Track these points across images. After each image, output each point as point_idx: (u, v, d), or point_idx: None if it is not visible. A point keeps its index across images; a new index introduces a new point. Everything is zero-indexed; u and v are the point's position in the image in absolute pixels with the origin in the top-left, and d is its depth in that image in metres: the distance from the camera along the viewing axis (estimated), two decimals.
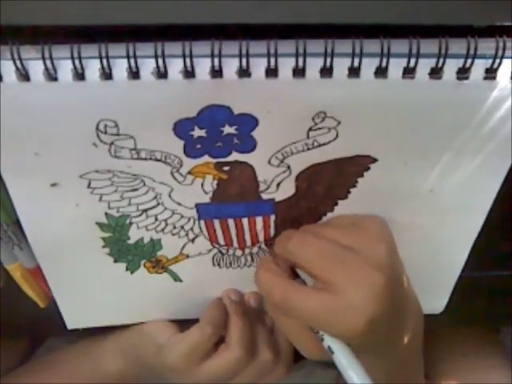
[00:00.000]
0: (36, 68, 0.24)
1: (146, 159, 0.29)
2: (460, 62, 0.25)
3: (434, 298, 0.40)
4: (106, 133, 0.27)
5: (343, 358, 0.29)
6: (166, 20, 0.24)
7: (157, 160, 0.29)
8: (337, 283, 0.28)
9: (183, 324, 0.40)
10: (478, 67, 0.25)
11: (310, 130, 0.28)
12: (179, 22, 0.24)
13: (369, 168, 0.30)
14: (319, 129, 0.28)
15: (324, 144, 0.29)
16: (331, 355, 0.30)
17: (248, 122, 0.27)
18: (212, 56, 0.24)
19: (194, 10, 0.24)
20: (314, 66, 0.25)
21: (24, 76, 0.24)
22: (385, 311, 0.28)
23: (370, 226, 0.31)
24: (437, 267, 0.37)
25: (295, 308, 0.29)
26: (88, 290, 0.38)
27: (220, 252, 0.36)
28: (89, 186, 0.30)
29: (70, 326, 0.41)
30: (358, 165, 0.30)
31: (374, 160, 0.30)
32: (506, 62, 0.25)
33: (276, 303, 0.30)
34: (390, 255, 0.29)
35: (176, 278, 0.38)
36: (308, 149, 0.29)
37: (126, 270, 0.37)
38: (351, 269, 0.28)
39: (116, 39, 0.24)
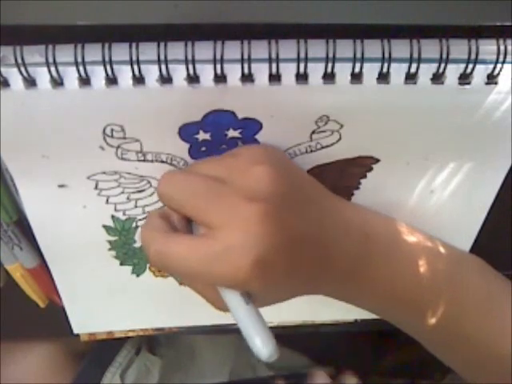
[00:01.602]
0: (42, 75, 0.24)
1: (152, 161, 0.29)
2: (461, 68, 0.25)
3: None
4: (112, 136, 0.27)
5: (237, 311, 0.25)
6: (169, 20, 0.24)
7: (162, 162, 0.29)
8: (212, 223, 0.25)
9: None
10: (480, 72, 0.25)
11: (313, 132, 0.28)
12: (182, 22, 0.24)
13: (371, 169, 0.31)
14: (322, 132, 0.28)
15: (327, 146, 0.29)
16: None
17: (252, 126, 0.27)
18: (215, 62, 0.24)
19: (194, 11, 0.24)
20: (316, 71, 0.25)
21: (30, 83, 0.24)
22: (274, 245, 0.24)
23: (245, 152, 0.27)
24: None
25: (171, 262, 0.25)
26: (94, 292, 0.38)
27: None
28: (96, 187, 0.30)
29: (77, 330, 0.41)
30: (361, 166, 0.31)
31: (377, 161, 0.30)
32: (507, 66, 0.25)
33: (152, 261, 0.26)
34: (268, 179, 0.25)
35: (181, 282, 0.38)
36: (311, 151, 0.29)
37: (132, 273, 0.37)
38: (223, 204, 0.25)
39: (120, 45, 0.24)
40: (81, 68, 0.24)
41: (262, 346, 0.23)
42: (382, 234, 0.30)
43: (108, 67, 0.24)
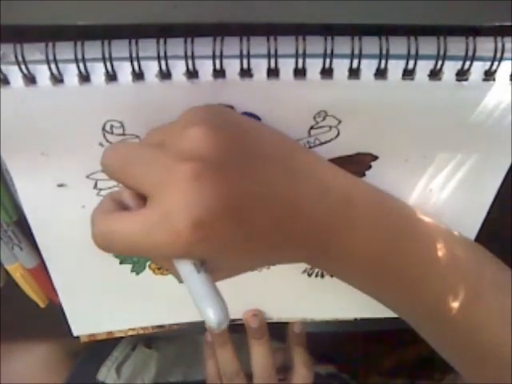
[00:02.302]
0: (42, 72, 0.24)
1: None
2: (459, 64, 0.25)
3: None
4: (112, 133, 0.27)
5: (187, 279, 0.24)
6: (169, 19, 0.24)
7: None
8: (149, 191, 0.24)
9: None
10: (477, 69, 0.25)
11: (312, 128, 0.28)
12: (181, 21, 0.24)
13: (370, 166, 0.31)
14: (321, 127, 0.28)
15: (326, 142, 0.29)
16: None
17: None
18: (214, 57, 0.24)
19: (195, 10, 0.25)
20: (314, 67, 0.25)
21: (30, 80, 0.25)
22: (215, 205, 0.22)
23: (184, 114, 0.25)
24: None
25: (114, 241, 0.24)
26: (94, 292, 0.38)
27: None
28: (95, 186, 0.30)
29: (76, 332, 0.41)
30: (360, 163, 0.31)
31: (375, 158, 0.30)
32: (504, 63, 0.25)
33: (96, 243, 0.25)
34: (203, 139, 0.23)
35: (181, 280, 0.38)
36: (310, 147, 0.29)
37: (132, 271, 0.37)
38: (157, 169, 0.23)
39: (119, 42, 0.24)
40: (81, 65, 0.24)
41: (211, 314, 0.22)
42: (366, 201, 0.29)
43: (108, 63, 0.24)
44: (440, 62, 0.25)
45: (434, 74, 0.25)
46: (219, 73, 0.25)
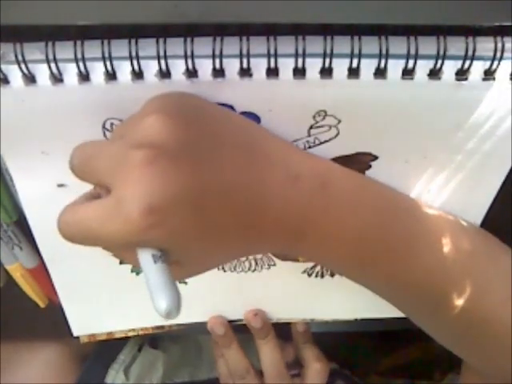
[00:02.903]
0: (42, 71, 0.24)
1: None
2: (459, 64, 0.25)
3: None
4: (112, 131, 0.27)
5: (144, 269, 0.24)
6: (169, 20, 0.25)
7: None
8: (109, 182, 0.23)
9: None
10: (477, 68, 0.25)
11: (311, 127, 0.28)
12: (181, 21, 0.24)
13: (370, 166, 0.31)
14: (320, 127, 0.28)
15: (325, 142, 0.29)
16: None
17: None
18: (213, 56, 0.24)
19: (195, 10, 0.25)
20: (314, 66, 0.25)
21: (30, 79, 0.25)
22: (170, 192, 0.22)
23: (144, 104, 0.25)
24: None
25: (74, 230, 0.24)
26: (94, 292, 0.38)
27: None
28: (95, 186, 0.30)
29: (76, 332, 0.41)
30: (360, 163, 0.31)
31: (375, 157, 0.30)
32: (504, 62, 0.25)
33: (60, 233, 0.25)
34: (159, 126, 0.23)
35: (181, 281, 0.38)
36: (309, 147, 0.29)
37: (132, 271, 0.37)
38: (113, 159, 0.23)
39: (119, 41, 0.24)
40: (80, 64, 0.24)
41: (160, 304, 0.22)
42: (344, 184, 0.28)
43: (107, 62, 0.24)
44: (440, 62, 0.25)
45: (434, 74, 0.25)
46: (219, 72, 0.25)
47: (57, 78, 0.25)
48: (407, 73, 0.25)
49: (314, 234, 0.27)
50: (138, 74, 0.25)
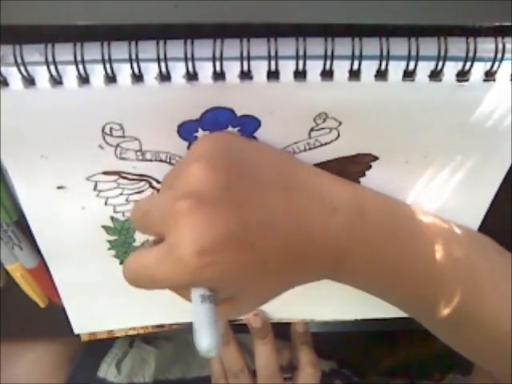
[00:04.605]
0: (41, 74, 0.24)
1: (151, 160, 0.29)
2: (460, 65, 0.25)
3: None
4: (111, 135, 0.27)
5: (193, 308, 0.25)
6: (169, 20, 0.24)
7: (161, 161, 0.29)
8: (160, 231, 0.25)
9: None
10: (478, 69, 0.25)
11: (312, 130, 0.28)
12: (181, 21, 0.24)
13: (370, 167, 0.31)
14: (321, 129, 0.28)
15: (326, 144, 0.29)
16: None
17: (250, 123, 0.28)
18: (214, 59, 0.24)
19: (194, 11, 0.24)
20: (314, 68, 0.25)
21: (30, 82, 0.24)
22: (218, 234, 0.24)
23: (189, 152, 0.27)
24: None
25: (138, 275, 0.26)
26: (94, 292, 0.38)
27: None
28: (95, 188, 0.30)
29: (77, 330, 0.41)
30: (360, 163, 0.31)
31: (375, 158, 0.30)
32: (505, 63, 0.25)
33: (127, 280, 0.27)
34: (202, 174, 0.25)
35: None
36: (310, 149, 0.29)
37: None
38: (164, 211, 0.25)
39: (119, 44, 0.24)
40: (80, 66, 0.24)
41: (202, 343, 0.23)
42: (379, 211, 0.30)
43: (107, 65, 0.24)
44: (441, 63, 0.25)
45: (435, 75, 0.25)
46: (219, 75, 0.25)
47: (56, 81, 0.25)
48: (408, 74, 0.25)
49: (352, 261, 0.29)
50: (137, 77, 0.25)
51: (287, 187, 0.27)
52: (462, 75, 0.25)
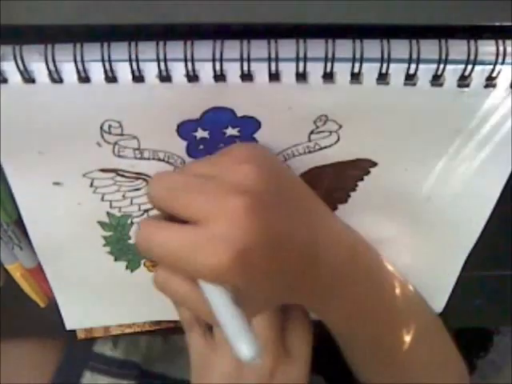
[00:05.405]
0: (41, 70, 0.24)
1: (149, 159, 0.29)
2: (460, 69, 0.25)
3: (433, 299, 0.40)
4: (110, 133, 0.27)
5: (219, 305, 0.24)
6: (167, 20, 0.24)
7: (159, 160, 0.29)
8: (199, 216, 0.25)
9: None
10: (479, 75, 0.25)
11: (312, 133, 0.28)
12: (181, 21, 0.24)
13: (369, 172, 0.31)
14: (321, 132, 0.28)
15: (325, 147, 0.29)
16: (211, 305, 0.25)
17: (251, 125, 0.27)
18: (214, 60, 0.24)
19: (195, 10, 0.24)
20: (316, 71, 0.25)
21: (29, 78, 0.24)
22: (258, 241, 0.24)
23: (234, 150, 0.27)
24: (435, 271, 0.38)
25: (154, 246, 0.25)
26: (88, 288, 0.38)
27: None
28: (91, 185, 0.30)
29: (69, 326, 0.41)
30: (359, 168, 0.31)
31: (374, 164, 0.30)
32: (505, 68, 0.25)
33: (138, 244, 0.26)
34: (254, 176, 0.25)
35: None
36: (309, 152, 0.29)
37: (126, 268, 0.37)
38: (208, 197, 0.25)
39: (119, 43, 0.24)
40: (80, 67, 0.24)
41: (245, 350, 0.23)
42: (367, 254, 0.33)
43: (107, 66, 0.24)
44: (442, 66, 0.24)
45: (436, 80, 0.25)
46: (220, 76, 0.25)
47: (56, 80, 0.24)
48: (409, 79, 0.25)
49: (338, 300, 0.32)
50: (137, 78, 0.24)
51: (312, 212, 0.29)
52: (463, 80, 0.25)
